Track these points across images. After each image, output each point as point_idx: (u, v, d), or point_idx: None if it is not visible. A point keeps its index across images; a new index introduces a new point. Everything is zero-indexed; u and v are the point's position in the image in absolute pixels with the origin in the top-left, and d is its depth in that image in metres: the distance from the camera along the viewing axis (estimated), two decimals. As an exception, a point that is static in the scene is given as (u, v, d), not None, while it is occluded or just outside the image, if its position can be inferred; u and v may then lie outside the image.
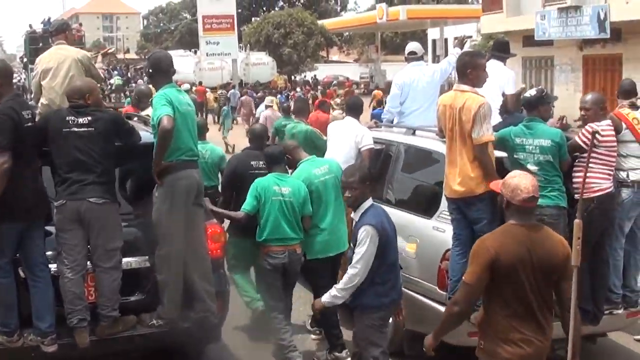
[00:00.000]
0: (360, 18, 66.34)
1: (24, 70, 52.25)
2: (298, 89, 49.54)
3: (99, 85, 7.95)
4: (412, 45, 10.72)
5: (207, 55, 45.22)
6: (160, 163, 6.98)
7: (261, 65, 60.51)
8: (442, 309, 7.14)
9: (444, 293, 7.47)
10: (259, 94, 38.54)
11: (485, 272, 5.15)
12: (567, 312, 5.26)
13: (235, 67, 44.56)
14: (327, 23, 68.26)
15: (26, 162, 6.72)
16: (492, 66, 8.63)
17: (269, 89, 49.46)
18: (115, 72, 61.43)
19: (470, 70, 7.47)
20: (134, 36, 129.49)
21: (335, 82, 59.29)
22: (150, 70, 7.43)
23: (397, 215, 7.81)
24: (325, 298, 6.80)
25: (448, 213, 7.66)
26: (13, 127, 6.58)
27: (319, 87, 52.06)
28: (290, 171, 8.44)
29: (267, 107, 22.59)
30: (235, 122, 33.49)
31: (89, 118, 6.93)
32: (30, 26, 51.11)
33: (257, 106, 30.57)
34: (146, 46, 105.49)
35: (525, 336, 5.21)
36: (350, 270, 6.53)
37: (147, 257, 7.22)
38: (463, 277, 5.39)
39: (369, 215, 6.56)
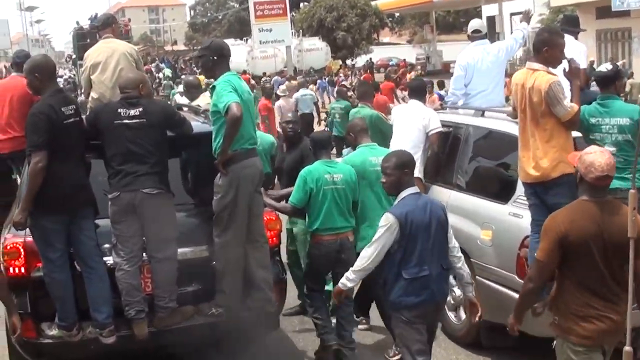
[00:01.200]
0: None
1: (73, 67, 52.84)
2: (341, 75, 47.92)
3: None
4: (476, 23, 10.34)
5: (260, 43, 44.14)
6: (227, 152, 6.98)
7: (315, 51, 58.83)
8: None
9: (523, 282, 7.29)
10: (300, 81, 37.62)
11: (556, 249, 5.18)
12: None
13: (290, 54, 43.41)
14: (381, 4, 65.09)
15: (65, 157, 6.79)
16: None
17: (324, 75, 48.04)
18: (163, 65, 61.91)
19: (547, 49, 7.17)
20: (181, 27, 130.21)
21: (391, 64, 58.88)
22: (215, 57, 7.31)
23: (469, 201, 7.82)
24: (340, 281, 6.60)
25: (523, 198, 7.47)
26: (49, 125, 6.66)
27: (378, 71, 51.71)
28: (346, 150, 8.44)
29: (278, 96, 22.17)
30: None
31: (140, 109, 6.98)
32: (78, 23, 51.77)
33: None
34: (194, 37, 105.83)
35: (598, 312, 5.22)
36: (361, 253, 6.38)
37: (204, 246, 7.28)
38: (535, 254, 5.41)
39: (398, 204, 6.31)
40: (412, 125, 9.36)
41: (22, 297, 6.85)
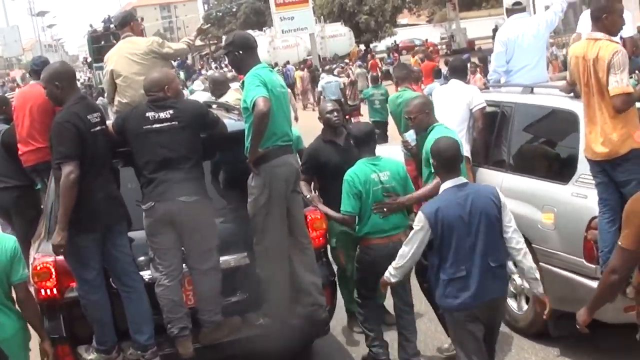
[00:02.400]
0: None
1: (89, 70, 53.25)
2: (358, 62, 45.33)
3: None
4: None
5: (282, 32, 43.67)
6: (256, 150, 6.72)
7: (338, 37, 58.46)
8: (592, 283, 6.79)
9: (593, 266, 6.97)
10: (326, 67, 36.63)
11: None
12: None
13: (314, 41, 42.77)
14: None
15: (96, 169, 6.57)
16: None
17: (350, 61, 46.68)
18: (176, 63, 61.65)
19: (606, 15, 6.88)
20: (195, 23, 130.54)
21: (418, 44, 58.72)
22: (241, 52, 7.04)
23: (525, 183, 7.58)
24: (385, 274, 6.37)
25: (588, 176, 7.14)
26: (76, 135, 6.42)
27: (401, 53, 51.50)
28: (412, 138, 8.07)
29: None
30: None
31: (171, 111, 6.72)
32: (91, 26, 52.02)
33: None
34: (209, 31, 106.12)
35: None
36: (399, 252, 6.18)
37: (245, 253, 7.05)
38: (619, 242, 5.01)
39: (435, 198, 6.08)
40: (455, 103, 9.21)
41: (56, 321, 6.66)
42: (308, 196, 7.98)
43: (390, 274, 6.25)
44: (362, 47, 61.35)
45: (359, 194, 7.25)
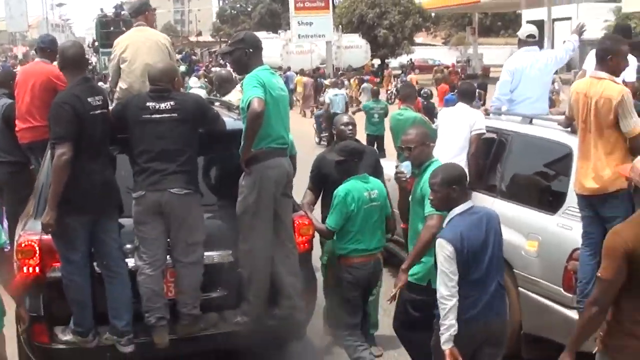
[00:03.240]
0: None
1: (94, 54, 53.23)
2: (366, 76, 44.42)
3: None
4: (530, 28, 10.23)
5: (298, 37, 42.39)
6: (249, 150, 6.85)
7: (354, 49, 56.83)
8: (568, 312, 7.00)
9: (571, 295, 7.16)
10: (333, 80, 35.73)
11: (623, 266, 4.98)
12: None
13: (330, 50, 41.64)
14: (425, 2, 64.32)
15: (93, 152, 6.65)
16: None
17: (361, 74, 46.22)
18: (180, 56, 61.56)
19: (611, 57, 7.17)
20: (207, 18, 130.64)
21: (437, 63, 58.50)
22: (251, 50, 7.17)
23: (514, 210, 7.70)
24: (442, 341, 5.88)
25: (575, 209, 7.34)
26: (73, 117, 6.50)
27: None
28: (405, 165, 7.80)
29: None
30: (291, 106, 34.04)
31: (172, 103, 6.82)
32: (102, 10, 51.98)
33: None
34: (222, 28, 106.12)
35: None
36: (437, 295, 5.85)
37: (230, 251, 7.14)
38: (599, 274, 5.13)
39: (448, 226, 5.96)
40: (459, 127, 9.29)
41: (35, 299, 6.72)
42: (302, 203, 8.06)
43: (445, 333, 5.75)
44: (378, 61, 60.85)
45: (349, 212, 7.29)
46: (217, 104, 8.75)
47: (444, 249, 5.71)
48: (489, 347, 6.00)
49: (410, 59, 63.15)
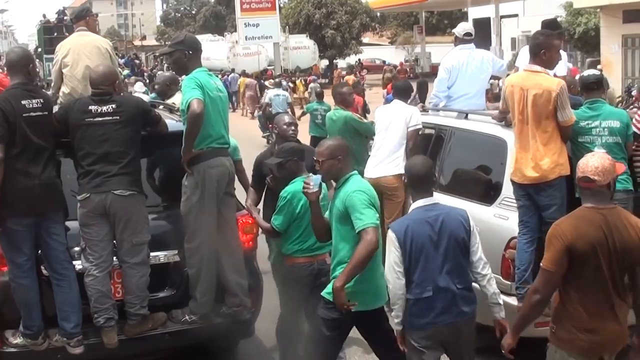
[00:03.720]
0: None
1: (37, 60, 52.70)
2: (313, 76, 43.44)
3: None
4: (467, 26, 10.63)
5: (245, 39, 41.35)
6: (190, 150, 6.98)
7: (302, 50, 57.05)
8: (506, 298, 7.08)
9: (509, 283, 7.45)
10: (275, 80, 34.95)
11: (564, 257, 5.22)
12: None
13: (278, 51, 41.04)
14: (371, 2, 63.24)
15: (32, 154, 6.69)
16: None
17: (309, 75, 45.80)
18: (123, 60, 61.00)
19: (544, 51, 7.58)
20: (152, 21, 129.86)
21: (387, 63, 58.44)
22: (190, 52, 7.31)
23: (452, 202, 7.71)
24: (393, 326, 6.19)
25: (511, 200, 7.67)
26: (3, 119, 6.56)
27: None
28: (316, 182, 6.93)
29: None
30: (234, 107, 35.08)
31: (113, 106, 6.93)
32: (44, 16, 51.70)
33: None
34: (166, 31, 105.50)
35: (599, 323, 5.30)
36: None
37: (176, 250, 7.27)
38: (541, 264, 5.38)
39: (404, 217, 6.21)
40: (395, 122, 9.68)
41: None
42: (246, 204, 8.14)
43: (394, 317, 6.06)
44: (326, 62, 60.61)
45: (294, 214, 7.22)
46: (160, 107, 8.87)
47: (390, 239, 5.92)
48: (458, 344, 6.13)
49: (359, 59, 63.09)
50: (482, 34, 69.89)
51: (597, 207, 5.28)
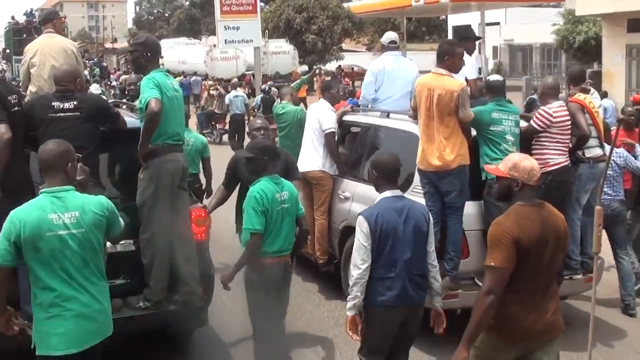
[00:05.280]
0: (392, 1, 58.86)
1: (6, 62, 53.01)
2: (269, 83, 43.28)
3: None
4: (392, 35, 11.80)
5: (225, 42, 40.63)
6: (146, 146, 7.54)
7: (281, 55, 55.54)
8: None
9: None
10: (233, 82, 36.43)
11: (513, 252, 5.60)
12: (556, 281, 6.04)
13: (259, 56, 40.09)
14: (353, 6, 63.00)
15: (14, 146, 7.17)
16: None
17: (289, 81, 43.47)
18: (92, 62, 61.09)
19: (447, 57, 8.93)
20: (123, 24, 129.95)
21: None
22: (149, 54, 7.88)
23: (371, 190, 7.99)
24: (347, 308, 6.70)
25: (419, 187, 8.78)
26: (3, 106, 7.13)
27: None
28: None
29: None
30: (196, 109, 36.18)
31: (75, 102, 7.49)
32: (13, 17, 52.33)
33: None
34: (138, 34, 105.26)
35: (531, 313, 5.75)
36: (351, 264, 6.67)
37: (132, 240, 7.76)
38: (490, 263, 5.68)
39: (373, 205, 6.80)
40: (310, 125, 11.12)
41: None
42: (208, 203, 8.81)
43: (350, 299, 6.55)
44: (305, 67, 58.45)
45: (265, 211, 7.32)
46: (123, 107, 9.47)
47: (361, 225, 6.55)
48: (410, 327, 6.79)
49: (339, 66, 61.82)
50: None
51: (531, 204, 5.80)
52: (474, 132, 9.17)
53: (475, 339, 5.76)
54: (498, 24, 61.22)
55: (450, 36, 70.93)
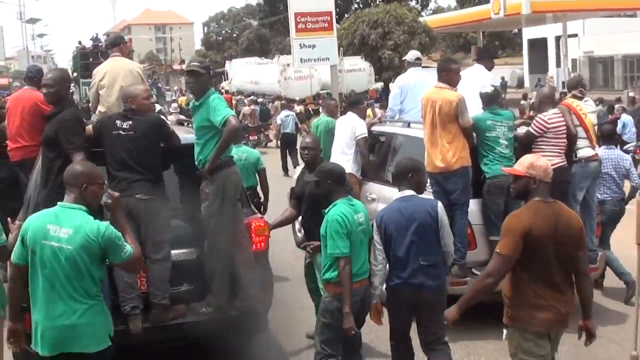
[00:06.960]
0: (470, 14, 58.93)
1: (74, 85, 54.15)
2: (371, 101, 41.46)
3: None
4: (416, 53, 13.82)
5: (301, 61, 39.66)
6: (216, 160, 8.15)
7: (356, 72, 53.61)
8: None
9: None
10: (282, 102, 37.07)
11: (520, 244, 6.15)
12: (583, 278, 6.45)
13: (335, 74, 38.66)
14: (430, 20, 60.78)
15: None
16: (476, 69, 12.07)
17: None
18: (149, 83, 62.45)
19: (444, 73, 10.43)
20: (191, 46, 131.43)
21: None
22: (211, 77, 8.53)
23: (394, 192, 8.36)
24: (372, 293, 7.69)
25: (430, 187, 9.76)
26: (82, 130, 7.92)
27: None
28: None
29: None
30: None
31: (130, 122, 8.19)
32: (80, 42, 53.86)
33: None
34: (208, 55, 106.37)
35: (548, 302, 6.24)
36: (372, 260, 7.73)
37: (194, 249, 8.32)
38: (497, 250, 6.31)
39: (385, 207, 7.93)
40: (342, 133, 12.21)
41: None
42: (273, 221, 9.36)
43: (373, 289, 7.65)
44: (381, 84, 57.26)
45: (349, 234, 7.39)
46: (187, 125, 10.09)
47: (374, 225, 7.63)
48: (425, 310, 7.60)
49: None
50: (538, 55, 69.27)
51: (545, 201, 6.32)
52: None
53: (467, 306, 6.59)
54: (576, 35, 60.33)
55: (525, 50, 71.14)
